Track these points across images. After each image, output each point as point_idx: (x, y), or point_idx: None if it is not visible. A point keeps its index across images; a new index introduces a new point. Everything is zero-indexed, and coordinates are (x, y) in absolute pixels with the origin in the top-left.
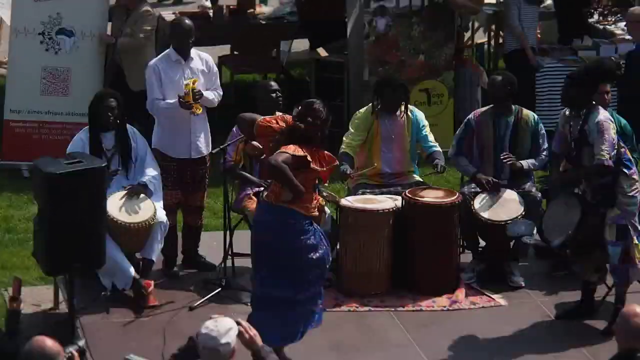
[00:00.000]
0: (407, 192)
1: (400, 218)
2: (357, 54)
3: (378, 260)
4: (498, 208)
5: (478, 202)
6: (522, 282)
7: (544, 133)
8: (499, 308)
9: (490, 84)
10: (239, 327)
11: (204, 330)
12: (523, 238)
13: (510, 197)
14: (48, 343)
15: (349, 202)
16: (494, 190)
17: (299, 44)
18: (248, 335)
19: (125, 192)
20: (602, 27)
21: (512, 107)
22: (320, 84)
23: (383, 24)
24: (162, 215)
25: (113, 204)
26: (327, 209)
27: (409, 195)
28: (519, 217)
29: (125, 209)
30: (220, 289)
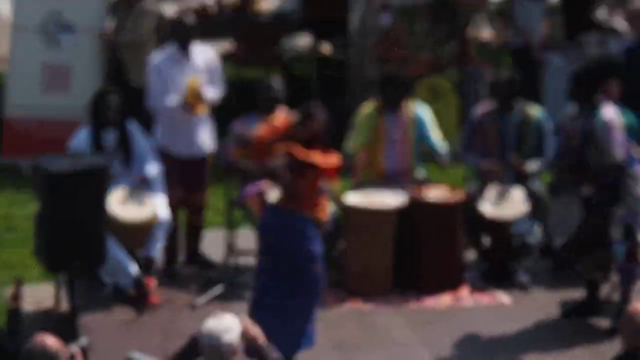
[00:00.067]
0: (411, 190)
1: (404, 216)
2: (360, 51)
3: (381, 259)
4: (502, 206)
5: (483, 200)
6: (526, 280)
7: (550, 130)
8: (503, 306)
9: (495, 80)
10: (241, 325)
11: (206, 329)
12: (526, 237)
13: (516, 195)
14: (49, 342)
15: (353, 200)
16: (500, 179)
17: (302, 41)
18: (250, 333)
19: (127, 189)
20: (607, 23)
21: (516, 103)
22: (323, 82)
23: (387, 21)
24: (163, 214)
25: (115, 202)
26: (330, 207)
27: (413, 194)
28: (524, 216)
29: (127, 207)
30: (222, 287)
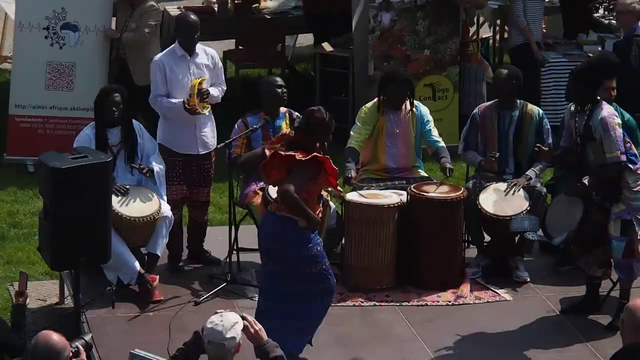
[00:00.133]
0: (412, 187)
1: (405, 213)
2: (362, 49)
3: (383, 255)
4: (503, 203)
5: (483, 197)
6: (526, 277)
7: (549, 128)
8: (504, 303)
9: (496, 78)
10: (244, 321)
11: (210, 325)
12: (527, 234)
13: (516, 192)
14: (54, 338)
15: (354, 196)
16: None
17: (304, 39)
18: (253, 330)
19: (131, 186)
20: (607, 21)
21: (517, 101)
22: (325, 79)
23: (388, 19)
24: (167, 210)
25: (118, 199)
26: (332, 204)
27: (414, 190)
28: (524, 212)
29: (131, 204)
30: (226, 284)
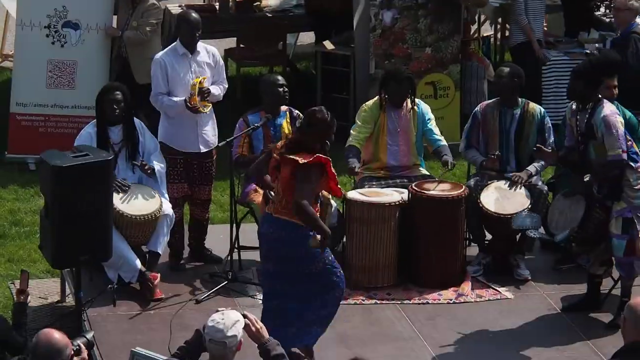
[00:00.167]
0: (413, 185)
1: (407, 211)
2: (363, 47)
3: (384, 253)
4: (504, 201)
5: (484, 195)
6: (528, 275)
7: (550, 126)
8: (505, 301)
9: (497, 76)
10: (246, 319)
11: (211, 323)
12: (528, 232)
13: (517, 190)
14: (55, 336)
15: (355, 195)
16: (500, 170)
17: (305, 37)
18: (254, 328)
19: (132, 184)
20: (608, 20)
21: (518, 99)
22: (327, 77)
23: (389, 17)
24: (168, 208)
25: (119, 197)
26: (333, 202)
27: (416, 189)
28: (525, 210)
29: (132, 202)
30: (227, 282)
